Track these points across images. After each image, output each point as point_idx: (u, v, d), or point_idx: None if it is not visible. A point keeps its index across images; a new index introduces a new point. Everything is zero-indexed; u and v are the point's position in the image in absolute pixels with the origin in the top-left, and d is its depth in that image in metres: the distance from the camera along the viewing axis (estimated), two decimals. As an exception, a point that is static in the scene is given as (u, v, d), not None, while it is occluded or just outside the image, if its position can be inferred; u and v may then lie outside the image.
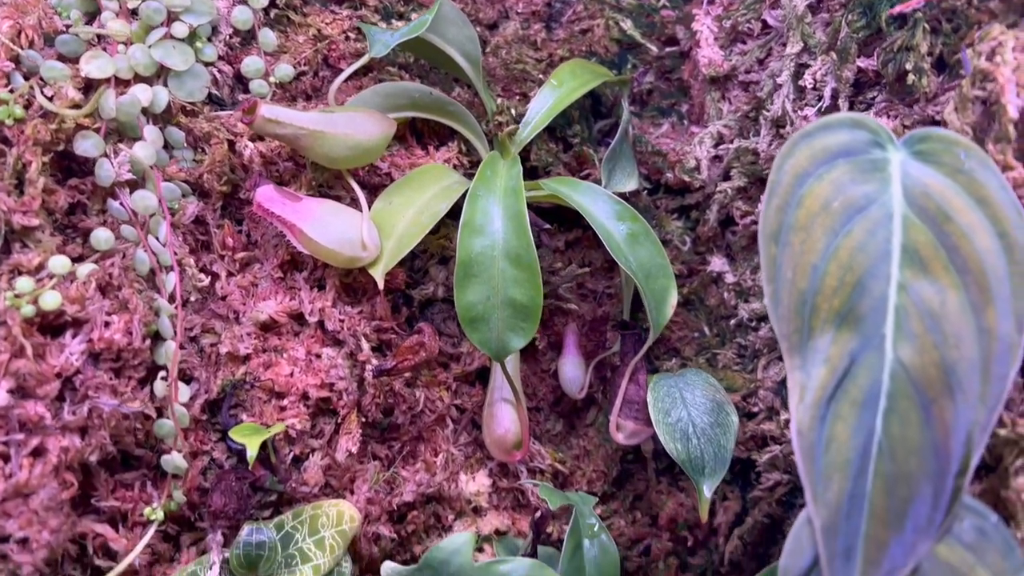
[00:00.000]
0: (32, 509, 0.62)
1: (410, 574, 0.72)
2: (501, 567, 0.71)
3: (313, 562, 0.73)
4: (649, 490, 0.94)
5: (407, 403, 0.82)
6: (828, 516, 0.49)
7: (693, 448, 0.76)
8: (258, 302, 0.76)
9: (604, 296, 0.95)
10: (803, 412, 0.51)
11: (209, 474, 0.74)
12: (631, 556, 0.92)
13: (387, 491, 0.80)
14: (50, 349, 0.65)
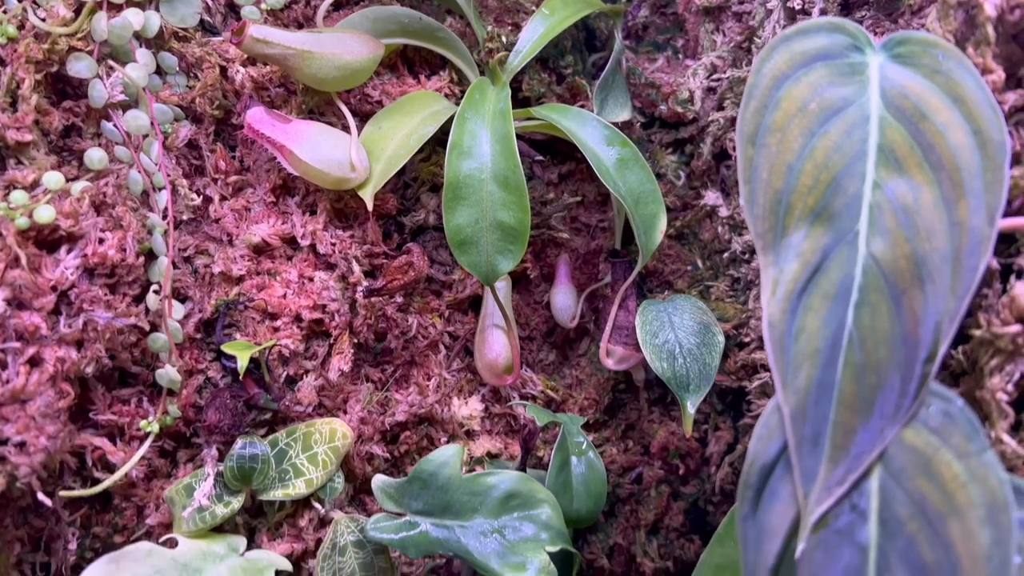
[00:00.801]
0: (29, 415, 0.64)
1: (400, 486, 0.73)
2: (489, 479, 0.73)
3: (306, 476, 0.75)
4: (641, 419, 0.95)
5: (400, 328, 0.83)
6: (797, 403, 0.50)
7: (679, 367, 0.77)
8: (251, 225, 0.78)
9: (597, 229, 0.96)
10: (775, 305, 0.52)
11: (204, 392, 0.76)
12: (623, 484, 0.93)
13: (380, 412, 0.82)
14: (45, 263, 0.67)
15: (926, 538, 0.46)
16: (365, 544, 0.74)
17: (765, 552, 0.49)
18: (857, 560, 0.47)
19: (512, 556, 0.70)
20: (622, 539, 0.92)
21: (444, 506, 0.72)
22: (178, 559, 0.68)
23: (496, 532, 0.71)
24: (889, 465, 0.48)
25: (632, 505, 0.93)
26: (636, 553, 0.92)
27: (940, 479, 0.47)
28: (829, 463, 0.49)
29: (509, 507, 0.72)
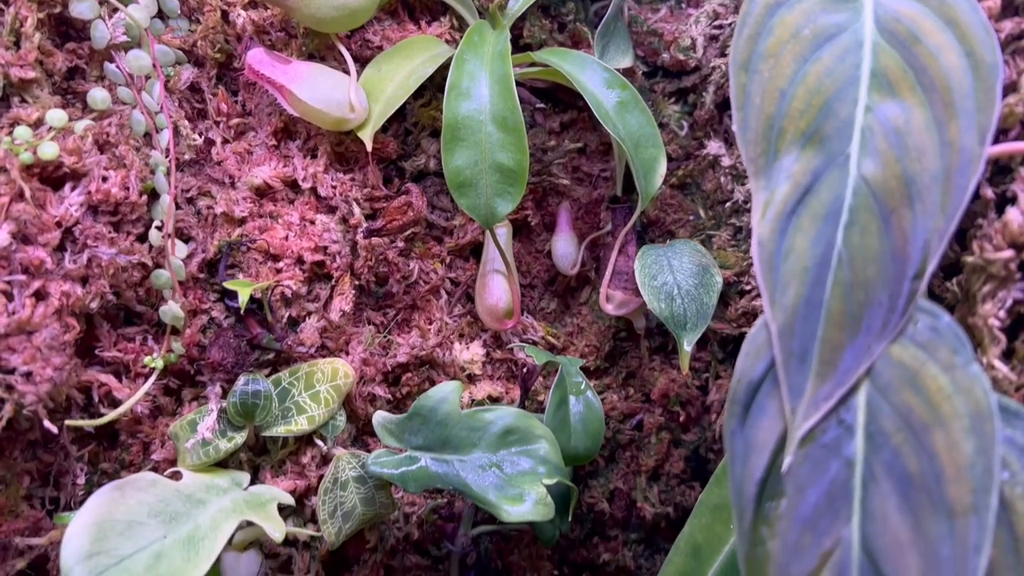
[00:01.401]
0: (35, 346, 0.65)
1: (400, 422, 0.74)
2: (487, 415, 0.74)
3: (308, 413, 0.76)
4: (642, 367, 0.95)
5: (401, 272, 0.84)
6: (785, 319, 0.50)
7: (676, 308, 0.77)
8: (253, 168, 0.78)
9: (599, 179, 0.96)
10: (764, 226, 0.52)
11: (208, 332, 0.77)
12: (623, 430, 0.94)
13: (382, 354, 0.83)
14: (50, 199, 0.68)
15: (911, 449, 0.47)
16: (366, 479, 0.76)
17: (752, 466, 0.49)
18: (843, 473, 0.48)
19: (510, 488, 0.71)
20: (623, 484, 0.93)
21: (443, 441, 0.73)
22: (182, 490, 0.69)
23: (494, 466, 0.72)
24: (876, 380, 0.49)
25: (632, 451, 0.94)
26: (636, 498, 0.93)
27: (926, 392, 0.47)
28: (816, 379, 0.49)
29: (507, 442, 0.73)
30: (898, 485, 0.46)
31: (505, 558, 0.88)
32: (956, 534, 0.44)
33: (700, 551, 0.81)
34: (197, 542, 0.66)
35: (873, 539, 0.46)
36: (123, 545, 0.63)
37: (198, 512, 0.68)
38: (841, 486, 0.48)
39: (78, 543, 0.62)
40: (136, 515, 0.65)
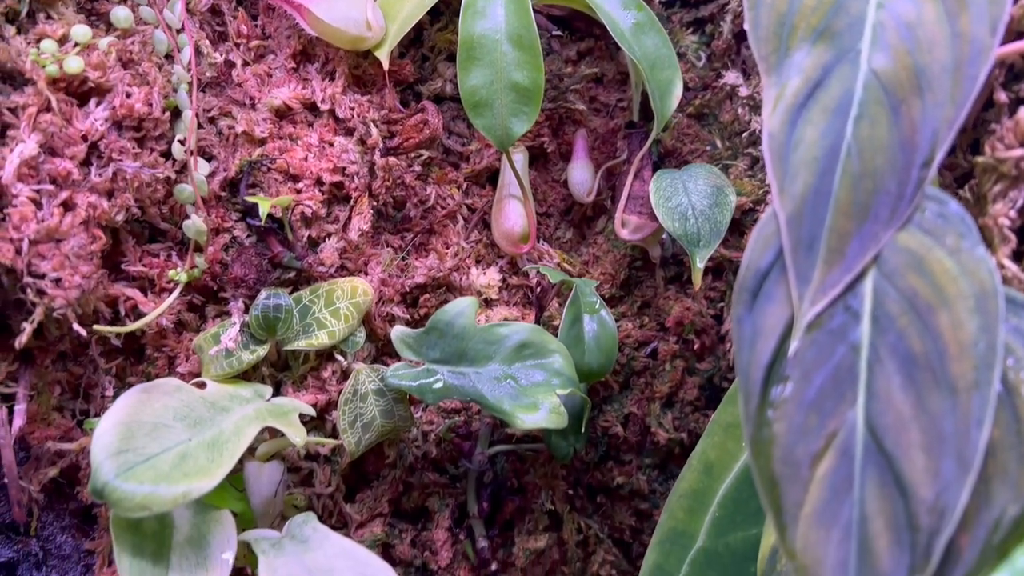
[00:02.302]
0: (64, 253, 0.67)
1: (418, 336, 0.76)
2: (502, 329, 0.75)
3: (328, 329, 0.78)
4: (657, 296, 0.96)
5: (418, 197, 0.85)
6: (793, 208, 0.51)
7: (690, 227, 0.78)
8: (272, 89, 0.80)
9: (616, 109, 0.96)
10: (775, 119, 0.53)
11: (230, 251, 0.79)
12: (637, 357, 0.95)
13: (400, 275, 0.84)
14: (75, 113, 0.70)
15: (916, 331, 0.47)
16: (385, 393, 0.77)
17: (759, 351, 0.50)
18: (849, 357, 0.49)
19: (524, 398, 0.72)
20: (637, 409, 0.94)
21: (460, 354, 0.75)
22: (206, 397, 0.71)
23: (509, 378, 0.74)
24: (883, 267, 0.50)
25: (647, 378, 0.95)
26: (651, 424, 0.95)
27: (932, 275, 0.48)
28: (824, 266, 0.50)
29: (522, 355, 0.75)
30: (902, 365, 0.47)
31: (521, 478, 0.90)
32: (958, 409, 0.45)
33: (712, 468, 0.83)
34: (221, 445, 0.68)
35: (877, 418, 0.47)
36: (150, 445, 0.66)
37: (222, 418, 0.70)
38: (847, 370, 0.49)
39: (107, 440, 0.64)
40: (162, 418, 0.67)
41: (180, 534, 0.69)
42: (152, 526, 0.68)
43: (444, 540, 0.86)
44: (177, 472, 0.64)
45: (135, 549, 0.65)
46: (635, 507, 0.96)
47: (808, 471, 0.48)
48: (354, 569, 0.68)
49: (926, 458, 0.45)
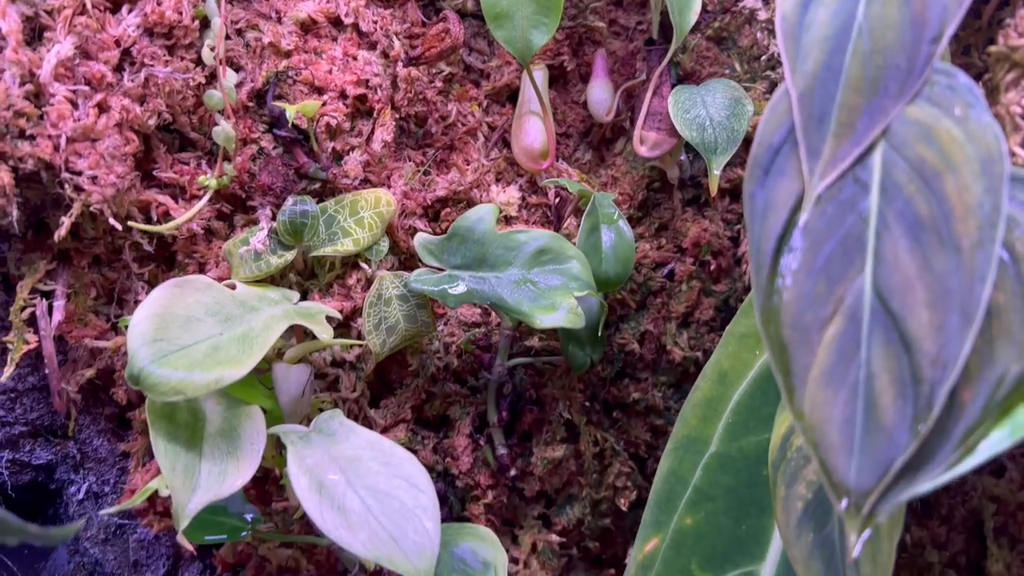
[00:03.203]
0: (99, 152, 0.69)
1: (440, 242, 0.78)
2: (521, 235, 0.77)
3: (353, 236, 0.80)
4: (674, 218, 0.98)
5: (439, 113, 0.87)
6: (805, 85, 0.52)
7: (708, 136, 0.79)
8: (298, 3, 0.81)
9: (636, 31, 0.97)
10: (788, 2, 0.54)
11: (257, 161, 0.81)
12: (655, 277, 0.97)
13: (421, 188, 0.86)
14: (108, 20, 0.72)
15: (923, 196, 0.49)
16: (408, 298, 0.80)
17: (771, 223, 0.52)
18: (858, 226, 0.50)
19: (543, 300, 0.74)
20: (653, 328, 0.96)
21: (480, 259, 0.77)
22: (237, 296, 0.74)
23: (528, 282, 0.76)
24: (892, 139, 0.51)
25: (663, 298, 0.97)
26: (666, 342, 0.96)
27: (939, 143, 0.49)
28: (834, 140, 0.51)
29: (541, 261, 0.76)
30: (909, 229, 0.49)
31: (539, 390, 0.92)
32: (963, 267, 0.47)
33: (726, 376, 0.85)
34: (251, 340, 0.71)
35: (884, 280, 0.49)
36: (183, 336, 0.69)
37: (251, 316, 0.73)
38: (855, 238, 0.50)
39: (143, 329, 0.67)
40: (194, 312, 0.70)
41: (212, 426, 0.72)
42: (185, 417, 0.71)
43: (465, 446, 0.88)
44: (209, 361, 0.67)
45: (169, 436, 0.68)
46: (650, 423, 0.98)
47: (817, 335, 0.50)
48: (378, 459, 0.71)
49: (930, 314, 0.47)
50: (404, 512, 0.67)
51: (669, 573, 0.81)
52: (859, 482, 0.48)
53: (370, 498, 0.68)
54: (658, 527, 0.82)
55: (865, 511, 0.48)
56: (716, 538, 0.80)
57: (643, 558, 0.82)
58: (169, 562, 0.90)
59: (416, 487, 0.69)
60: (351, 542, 0.64)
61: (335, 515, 0.65)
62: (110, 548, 0.88)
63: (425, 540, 0.66)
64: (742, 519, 0.80)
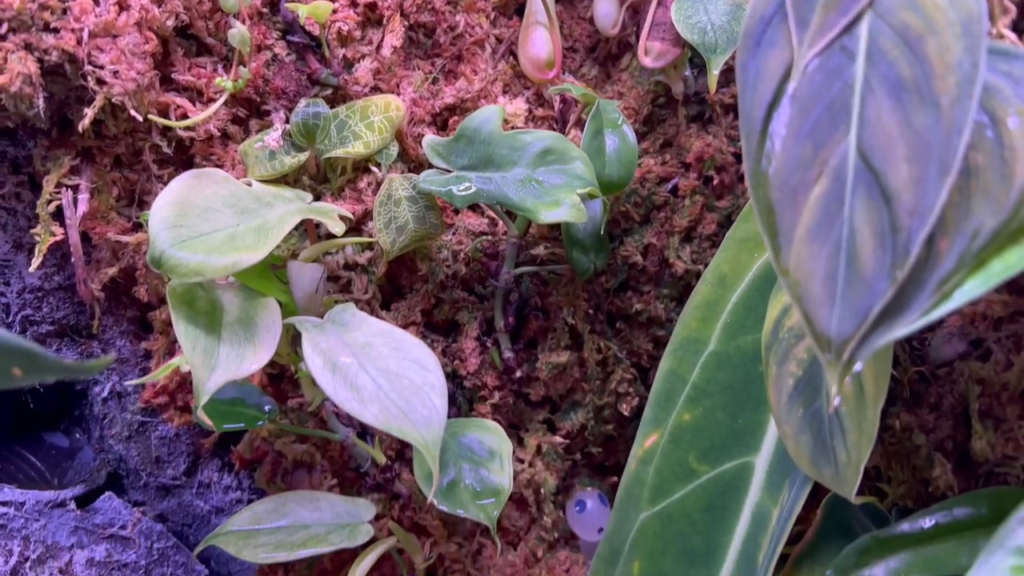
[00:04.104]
0: (120, 48, 0.72)
1: (447, 144, 0.81)
2: (527, 136, 0.80)
3: (364, 139, 0.83)
4: (679, 135, 1.00)
5: (448, 23, 0.89)
6: (796, -42, 0.54)
7: (709, 38, 0.81)
8: (309, -88, 0.84)
9: (641, -50, 0.99)
10: None
11: (271, 67, 0.84)
12: (659, 192, 0.99)
13: (430, 97, 0.89)
14: (127, -79, 0.75)
15: (905, 59, 0.51)
16: (418, 199, 0.83)
17: (761, 91, 0.54)
18: (844, 92, 0.52)
19: (547, 197, 0.77)
20: (656, 241, 0.98)
21: (486, 160, 0.79)
22: (252, 192, 0.77)
23: (533, 181, 0.78)
24: (878, 8, 0.53)
25: (667, 212, 0.99)
26: (669, 256, 0.99)
27: (923, 8, 0.51)
28: (823, 10, 0.53)
29: (545, 160, 0.79)
30: (892, 90, 0.51)
31: (544, 299, 0.95)
32: (941, 122, 0.49)
33: (725, 279, 0.87)
34: (266, 230, 0.74)
35: (867, 140, 0.51)
36: (201, 224, 0.72)
37: (266, 211, 0.76)
38: (841, 104, 0.52)
39: (163, 215, 0.70)
40: (212, 203, 0.73)
41: (230, 316, 0.76)
42: (204, 306, 0.74)
43: (472, 348, 0.91)
44: (227, 247, 0.70)
45: (189, 319, 0.72)
46: (652, 334, 1.01)
47: (803, 196, 0.53)
48: (389, 344, 0.74)
49: (910, 167, 0.49)
50: (413, 389, 0.70)
51: (668, 466, 0.84)
52: (840, 330, 0.50)
53: (381, 378, 0.71)
54: (657, 423, 0.86)
55: (845, 357, 0.50)
56: (713, 432, 0.83)
57: (643, 453, 0.86)
58: (189, 459, 0.94)
59: (425, 368, 0.72)
60: (362, 413, 0.67)
61: (347, 390, 0.69)
62: (133, 445, 0.93)
63: (433, 414, 0.69)
64: (738, 413, 0.83)
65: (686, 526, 0.81)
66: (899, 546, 0.67)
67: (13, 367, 0.51)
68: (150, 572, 0.89)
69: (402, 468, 0.91)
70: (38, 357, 0.50)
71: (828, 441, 0.65)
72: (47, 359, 0.50)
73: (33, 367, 0.51)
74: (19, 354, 0.51)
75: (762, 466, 0.80)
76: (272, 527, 0.86)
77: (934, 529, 0.65)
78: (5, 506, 0.81)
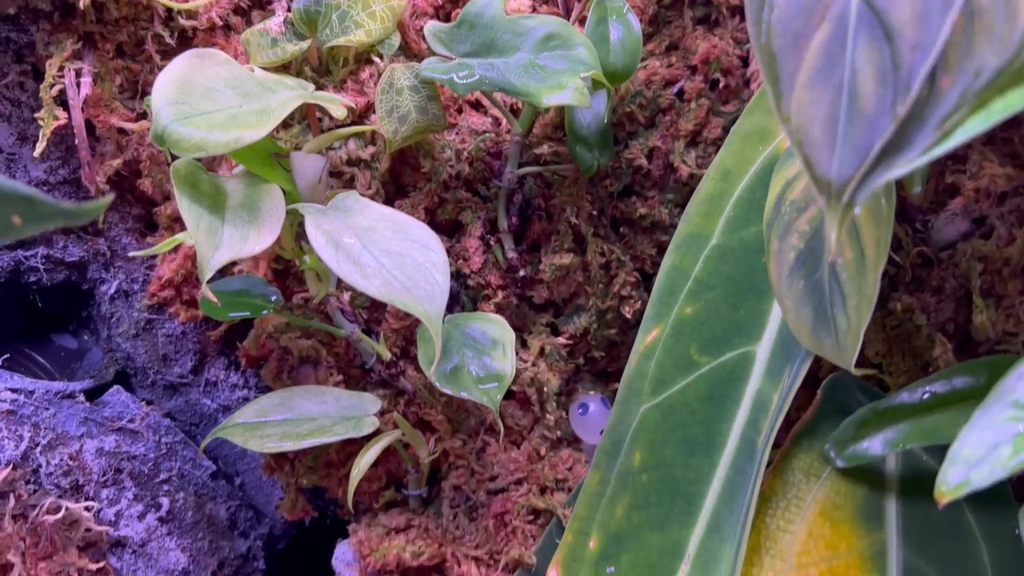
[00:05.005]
0: (120, -74, 0.72)
1: (449, 29, 0.80)
2: (530, 21, 0.79)
3: (365, 28, 0.83)
4: (685, 37, 0.99)
5: (451, -84, 0.89)
6: None
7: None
8: None
9: None
10: None
11: (273, -43, 0.83)
12: (664, 95, 0.98)
13: (433, -10, 0.88)
14: None
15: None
16: (420, 89, 0.82)
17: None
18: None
19: (549, 81, 0.76)
20: (661, 144, 0.98)
21: (489, 45, 0.79)
22: (255, 77, 0.77)
23: (536, 66, 0.78)
24: None
25: (672, 116, 0.99)
26: (674, 160, 0.98)
27: None
28: None
29: (549, 46, 0.79)
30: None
31: (548, 201, 0.95)
32: (945, -44, 0.48)
33: (729, 173, 0.87)
34: (268, 112, 0.74)
35: (870, -19, 0.50)
36: (204, 103, 0.72)
37: (269, 95, 0.76)
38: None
39: (166, 92, 0.70)
40: (214, 84, 0.73)
41: (233, 200, 0.76)
42: (208, 189, 0.75)
43: (476, 247, 0.92)
44: (229, 124, 0.70)
45: (193, 199, 0.72)
46: (656, 240, 1.01)
47: (805, 42, 0.52)
48: (392, 227, 0.75)
49: (912, 4, 0.49)
50: (416, 267, 0.71)
51: (669, 359, 0.85)
52: (840, 171, 0.50)
53: (384, 257, 0.71)
54: (659, 319, 0.86)
55: (845, 199, 0.50)
56: (715, 324, 0.83)
57: (644, 348, 0.86)
58: (196, 357, 0.95)
59: (428, 247, 0.73)
60: (366, 287, 0.68)
61: (351, 266, 0.69)
62: (140, 343, 0.94)
63: (436, 289, 0.70)
64: (740, 305, 0.83)
65: (687, 416, 0.82)
66: (898, 417, 0.67)
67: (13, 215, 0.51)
68: (158, 465, 0.91)
69: (407, 365, 0.92)
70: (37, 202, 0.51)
71: (828, 311, 0.65)
72: (46, 203, 0.50)
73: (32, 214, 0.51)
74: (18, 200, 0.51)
75: (763, 355, 0.80)
76: (278, 419, 0.87)
77: (933, 399, 0.66)
78: (15, 393, 0.83)
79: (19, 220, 0.52)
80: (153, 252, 0.75)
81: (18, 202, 0.51)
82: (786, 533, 0.71)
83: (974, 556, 0.68)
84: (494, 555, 0.87)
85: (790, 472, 0.73)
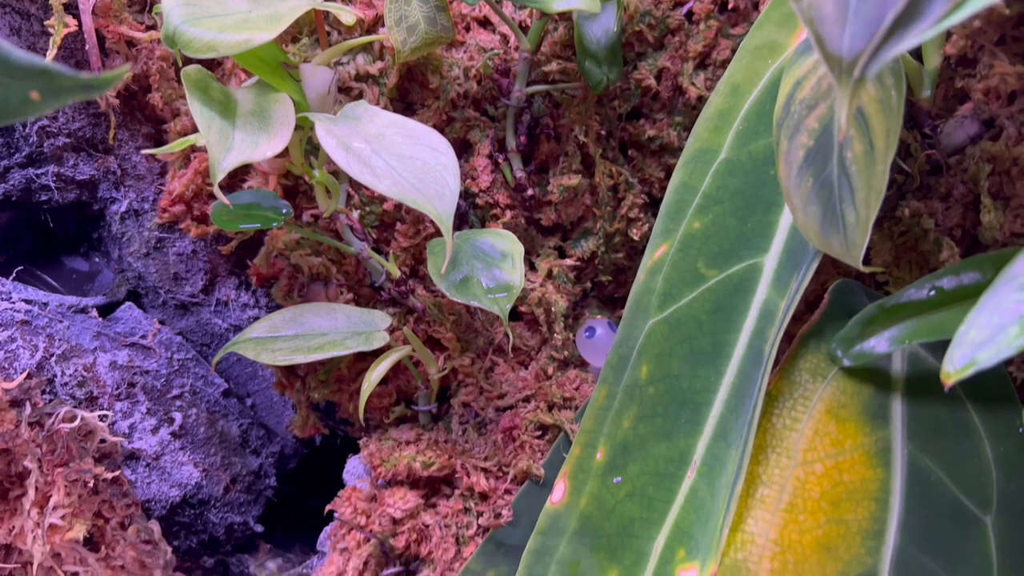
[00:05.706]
0: None
1: (458, -62, 0.80)
2: (539, -72, 0.79)
3: (374, -61, 0.82)
4: (694, -42, 0.98)
5: None
6: None
7: None
8: None
9: None
10: None
11: None
12: (674, 16, 0.98)
13: (441, -97, 0.88)
14: None
15: None
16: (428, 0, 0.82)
17: None
18: None
19: (559, -12, 0.76)
20: (670, 65, 0.98)
21: (498, -46, 0.79)
22: (264, -17, 0.76)
23: (545, -26, 0.77)
24: None
25: (681, 37, 0.99)
26: (683, 82, 0.98)
27: None
28: None
29: (558, -46, 0.78)
30: None
31: (556, 121, 0.95)
32: None
33: (739, 88, 0.87)
34: (278, 17, 0.74)
35: None
36: (214, 7, 0.72)
37: (278, 2, 0.76)
38: None
39: (176, -7, 0.70)
40: (224, -12, 0.73)
41: (244, 108, 0.76)
42: (219, 95, 0.75)
43: (484, 166, 0.92)
44: (239, 27, 0.70)
45: (205, 103, 0.72)
46: (665, 162, 1.01)
47: (818, -81, 0.52)
48: (401, 133, 0.75)
49: None
50: (426, 168, 0.71)
51: (677, 273, 0.85)
52: (852, 46, 0.50)
53: (394, 160, 0.72)
54: (667, 235, 0.86)
55: (856, 74, 0.50)
56: (722, 237, 0.84)
57: (652, 264, 0.87)
58: (207, 276, 0.96)
59: (437, 151, 0.73)
60: (376, 185, 0.68)
61: (361, 166, 0.70)
62: (151, 262, 0.94)
63: (445, 190, 0.70)
64: (748, 218, 0.83)
65: (694, 328, 0.83)
66: (904, 314, 0.68)
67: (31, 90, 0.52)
68: (170, 381, 0.92)
69: (416, 284, 0.92)
70: (55, 75, 0.51)
71: (837, 207, 0.65)
72: (64, 75, 0.50)
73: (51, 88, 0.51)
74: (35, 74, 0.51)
75: (770, 265, 0.81)
76: (289, 334, 0.87)
77: (940, 295, 0.66)
78: (29, 304, 0.84)
79: (37, 95, 0.52)
80: (165, 151, 0.75)
81: (36, 76, 0.51)
82: (792, 431, 0.72)
83: (977, 453, 0.69)
84: (503, 467, 0.88)
85: (796, 372, 0.74)
